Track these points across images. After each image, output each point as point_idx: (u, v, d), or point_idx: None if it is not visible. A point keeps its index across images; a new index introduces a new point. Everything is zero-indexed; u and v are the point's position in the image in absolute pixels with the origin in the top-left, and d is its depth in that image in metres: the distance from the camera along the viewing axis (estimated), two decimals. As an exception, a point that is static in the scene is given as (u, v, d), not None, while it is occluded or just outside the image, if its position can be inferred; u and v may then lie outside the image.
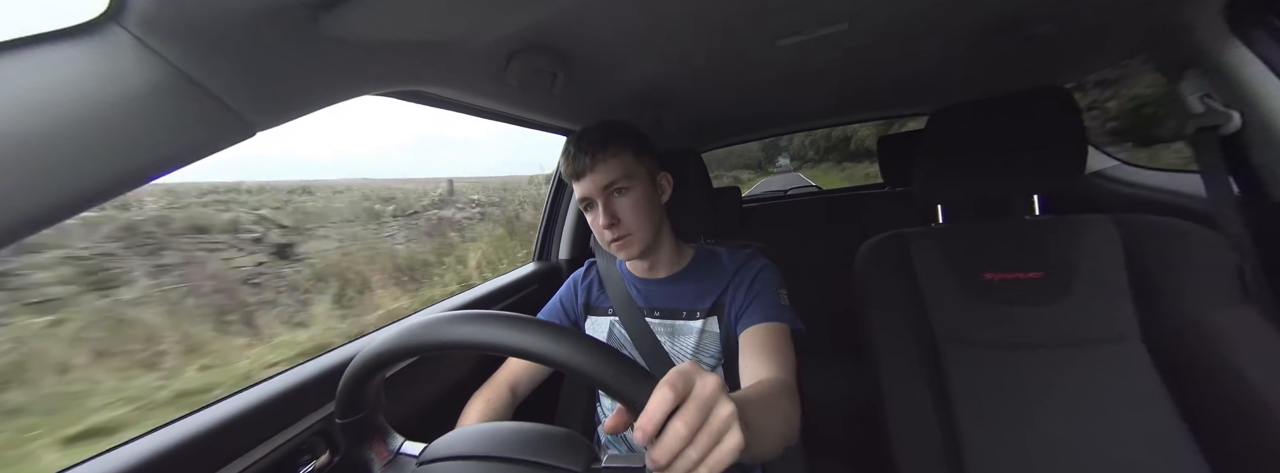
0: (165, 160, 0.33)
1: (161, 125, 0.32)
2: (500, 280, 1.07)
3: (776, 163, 17.46)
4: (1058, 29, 0.72)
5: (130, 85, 0.30)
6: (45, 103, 0.27)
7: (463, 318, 0.28)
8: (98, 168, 0.29)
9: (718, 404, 0.27)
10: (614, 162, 0.62)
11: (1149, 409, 0.60)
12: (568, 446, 0.33)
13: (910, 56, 0.87)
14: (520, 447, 0.33)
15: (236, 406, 0.51)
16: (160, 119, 0.32)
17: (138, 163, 0.32)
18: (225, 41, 0.34)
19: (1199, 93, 0.74)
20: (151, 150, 0.32)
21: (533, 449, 0.33)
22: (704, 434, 0.25)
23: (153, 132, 0.32)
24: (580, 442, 0.34)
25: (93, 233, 2.50)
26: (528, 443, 0.33)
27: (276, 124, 0.41)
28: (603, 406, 0.77)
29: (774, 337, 0.58)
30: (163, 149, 0.33)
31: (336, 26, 0.38)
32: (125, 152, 0.31)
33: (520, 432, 0.35)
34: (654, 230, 0.65)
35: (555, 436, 0.35)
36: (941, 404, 0.67)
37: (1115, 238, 0.68)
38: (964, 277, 0.74)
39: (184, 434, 0.46)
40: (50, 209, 0.28)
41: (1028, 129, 0.72)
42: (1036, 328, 0.69)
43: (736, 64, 0.80)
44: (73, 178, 0.28)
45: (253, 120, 0.38)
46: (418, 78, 0.55)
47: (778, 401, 0.46)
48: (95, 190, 0.30)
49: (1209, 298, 0.60)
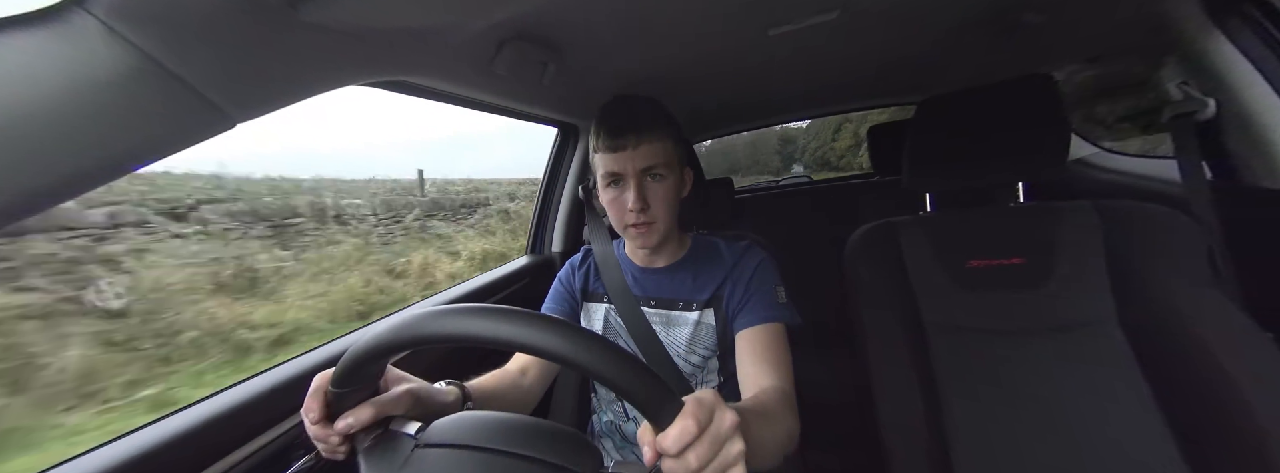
0: (141, 152, 0.32)
1: (134, 116, 0.31)
2: (492, 274, 1.07)
3: (792, 170, 18.83)
4: (1044, 18, 0.73)
5: (99, 74, 0.29)
6: (8, 91, 0.26)
7: (499, 314, 0.27)
8: (68, 159, 0.28)
9: (731, 441, 0.29)
10: (659, 145, 0.58)
11: (1124, 391, 0.63)
12: (575, 447, 0.32)
13: (899, 45, 0.87)
14: (525, 441, 0.32)
15: (230, 400, 0.50)
16: (133, 109, 0.31)
17: (111, 154, 0.31)
18: (199, 28, 0.32)
19: (1177, 80, 0.76)
20: (125, 142, 0.31)
21: (539, 446, 0.32)
22: (713, 467, 0.28)
23: (125, 122, 0.31)
24: (587, 445, 0.33)
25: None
26: (534, 438, 0.32)
27: (258, 115, 0.40)
28: (598, 395, 0.78)
29: (772, 340, 0.58)
30: (137, 140, 0.32)
31: (317, 13, 0.37)
32: (96, 142, 0.29)
33: (526, 426, 0.34)
34: (673, 223, 0.64)
35: (563, 434, 0.34)
36: (929, 390, 0.69)
37: (1095, 223, 0.70)
38: (950, 264, 0.76)
39: (177, 429, 0.45)
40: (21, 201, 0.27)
41: (1012, 118, 0.73)
42: (1019, 313, 0.71)
43: (728, 54, 0.79)
44: (41, 169, 0.27)
45: (232, 112, 0.37)
46: (404, 67, 0.54)
47: (779, 413, 0.48)
48: (67, 181, 0.29)
49: (1181, 281, 0.62)
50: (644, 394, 0.27)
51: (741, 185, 2.16)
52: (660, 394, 0.28)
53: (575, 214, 1.22)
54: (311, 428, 0.36)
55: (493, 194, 5.11)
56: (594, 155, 0.62)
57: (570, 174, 1.19)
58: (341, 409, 0.35)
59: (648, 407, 0.28)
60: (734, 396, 0.71)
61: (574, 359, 0.26)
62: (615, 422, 0.73)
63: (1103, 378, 0.64)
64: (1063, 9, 0.72)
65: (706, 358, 0.67)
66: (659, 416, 0.28)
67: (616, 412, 0.73)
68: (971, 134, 0.75)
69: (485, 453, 0.31)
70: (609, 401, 0.74)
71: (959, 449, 0.67)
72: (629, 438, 0.71)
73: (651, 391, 0.27)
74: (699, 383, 0.68)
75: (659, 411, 0.28)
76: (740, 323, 0.61)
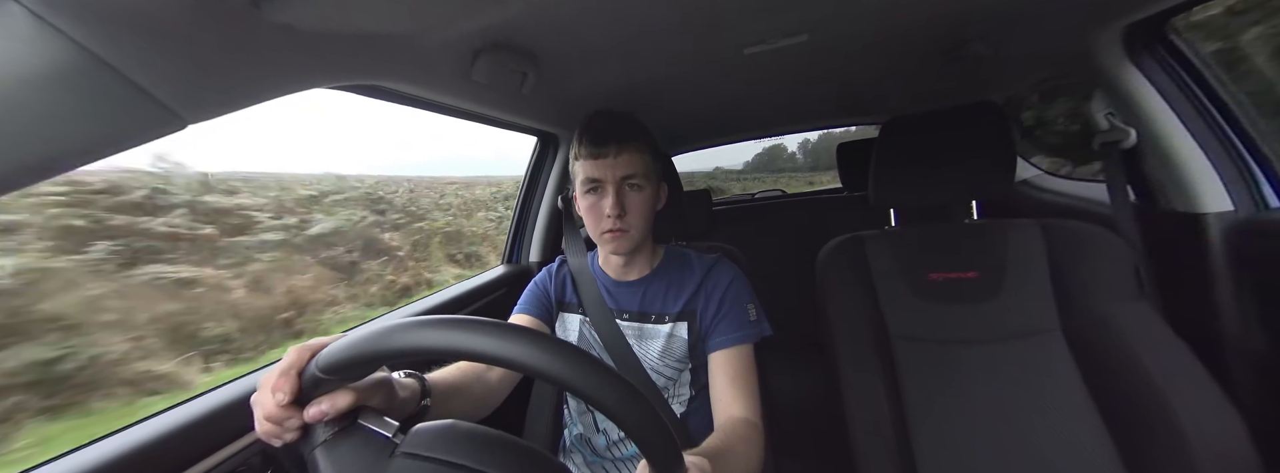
0: (82, 150, 0.30)
1: (72, 112, 0.29)
2: (469, 283, 1.03)
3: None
4: (989, 49, 0.80)
5: (28, 67, 0.27)
6: None
7: (532, 339, 0.26)
8: None
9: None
10: (637, 156, 0.61)
11: (1068, 397, 0.67)
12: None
13: (863, 68, 0.93)
14: (512, 466, 0.30)
15: (205, 405, 0.47)
16: (70, 106, 0.28)
17: (45, 152, 0.28)
18: (146, 23, 0.30)
19: (1104, 110, 0.85)
20: (62, 140, 0.29)
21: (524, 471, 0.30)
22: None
23: (60, 120, 0.28)
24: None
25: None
26: (521, 464, 0.31)
27: (212, 117, 0.37)
28: (569, 406, 0.76)
29: (743, 362, 0.62)
30: (77, 138, 0.30)
31: (282, 12, 0.36)
32: (31, 139, 0.27)
33: (518, 451, 0.32)
34: (647, 233, 0.65)
35: (549, 464, 0.32)
36: (894, 399, 0.71)
37: (1040, 240, 0.76)
38: (912, 277, 0.80)
39: (150, 435, 0.42)
40: None
41: (965, 140, 0.79)
42: (973, 324, 0.75)
43: (705, 70, 0.82)
44: None
45: (182, 111, 0.35)
46: (376, 72, 0.53)
47: (743, 450, 0.52)
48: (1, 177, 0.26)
49: (1111, 294, 0.68)
50: (651, 438, 0.28)
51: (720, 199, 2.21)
52: (665, 441, 0.29)
53: (553, 224, 1.21)
54: (272, 410, 0.31)
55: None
56: (574, 163, 0.64)
57: (549, 184, 1.18)
58: (313, 396, 0.31)
59: (653, 452, 0.29)
60: (707, 408, 0.72)
61: (589, 393, 0.26)
62: (585, 435, 0.71)
63: (1048, 385, 0.69)
64: (1005, 42, 0.79)
65: (680, 371, 0.67)
66: (663, 462, 0.29)
67: (587, 424, 0.71)
68: (930, 154, 0.80)
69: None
70: (580, 412, 0.73)
71: (923, 455, 0.69)
72: (598, 452, 0.70)
73: (659, 437, 0.28)
74: (672, 396, 0.68)
75: (663, 459, 0.29)
76: (714, 343, 0.63)
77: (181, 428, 0.45)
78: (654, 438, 0.28)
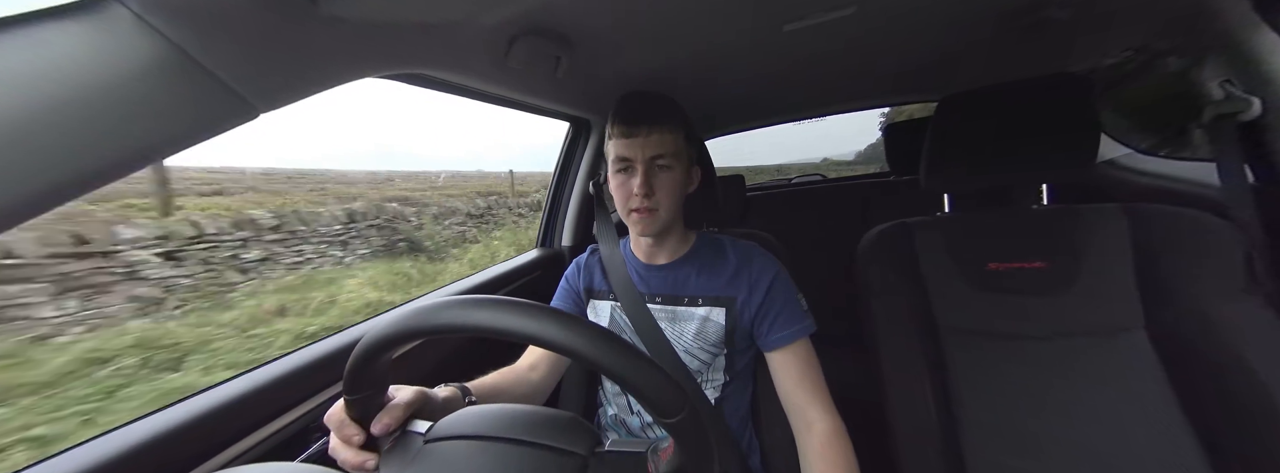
0: (167, 142, 0.33)
1: (163, 106, 0.32)
2: (503, 266, 1.08)
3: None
4: (1073, 13, 0.70)
5: (131, 64, 0.30)
6: (44, 81, 0.27)
7: (517, 308, 0.28)
8: (98, 149, 0.29)
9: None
10: (670, 136, 0.61)
11: (1151, 402, 0.61)
12: (572, 429, 0.34)
13: (919, 41, 0.85)
14: (525, 428, 0.33)
15: (250, 383, 0.52)
16: (162, 99, 0.32)
17: (139, 144, 0.31)
18: (225, 20, 0.33)
19: (1218, 78, 0.72)
20: (153, 131, 0.32)
21: (537, 431, 0.33)
22: None
23: (154, 112, 0.31)
24: (584, 426, 0.35)
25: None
26: (532, 425, 0.34)
27: (279, 106, 0.40)
28: (604, 390, 0.78)
29: (808, 358, 0.62)
30: (164, 130, 0.33)
31: (335, 6, 0.38)
32: (126, 132, 0.30)
33: (525, 414, 0.35)
34: (676, 215, 0.65)
35: (560, 419, 0.35)
36: (941, 395, 0.67)
37: (1124, 226, 0.67)
38: (968, 266, 0.74)
39: (200, 409, 0.47)
40: (51, 191, 0.28)
41: (1039, 117, 0.70)
42: (1040, 318, 0.69)
43: (742, 50, 0.78)
44: (73, 159, 0.28)
45: (255, 102, 0.38)
46: (420, 60, 0.55)
47: (846, 467, 0.55)
48: (96, 172, 0.29)
49: (1217, 289, 0.60)
50: (647, 388, 0.28)
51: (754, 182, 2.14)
52: (665, 386, 0.28)
53: (585, 209, 1.22)
54: (351, 456, 0.36)
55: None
56: (608, 143, 0.64)
57: (581, 169, 1.19)
58: (366, 417, 0.36)
59: (652, 400, 0.28)
60: (741, 394, 0.71)
61: (575, 349, 0.27)
62: (619, 416, 0.73)
63: (1128, 388, 0.62)
64: (1093, 4, 0.69)
65: (714, 355, 0.67)
66: (666, 407, 0.28)
67: (621, 405, 0.73)
68: (995, 133, 0.73)
69: (487, 441, 0.32)
70: (614, 394, 0.75)
71: (973, 454, 0.65)
72: (634, 432, 0.71)
73: (655, 383, 0.28)
74: (706, 380, 0.68)
75: (661, 403, 0.28)
76: (773, 340, 0.63)
77: (251, 393, 0.50)
78: (632, 371, 0.27)
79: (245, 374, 0.54)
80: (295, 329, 2.00)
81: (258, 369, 0.55)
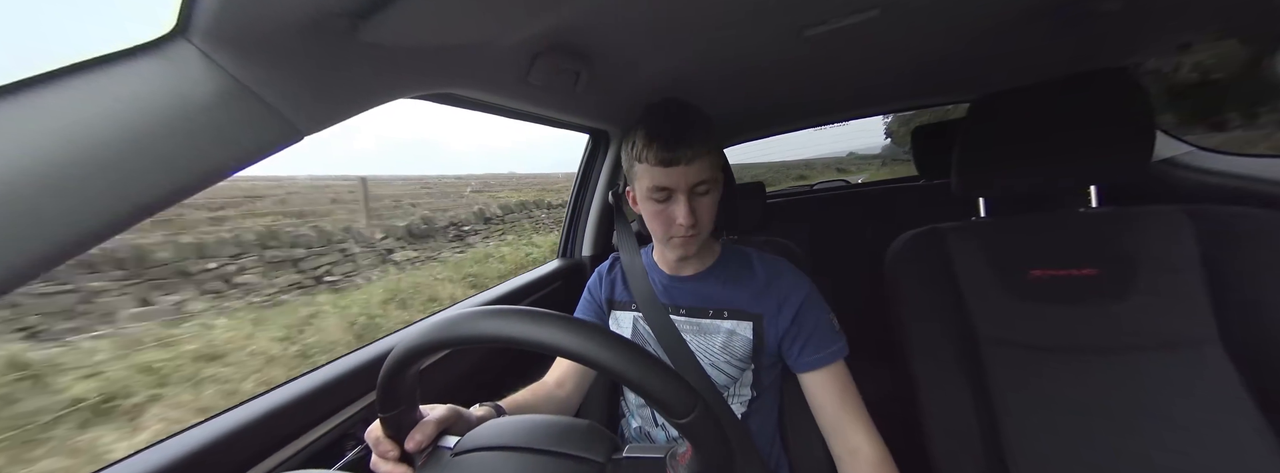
0: (222, 166, 0.36)
1: (222, 132, 0.35)
2: (524, 278, 1.10)
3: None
4: (1120, 5, 0.66)
5: (197, 96, 0.32)
6: (123, 114, 0.30)
7: (535, 318, 0.28)
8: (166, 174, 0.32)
9: None
10: (707, 159, 0.57)
11: (1228, 421, 0.55)
12: (590, 437, 0.34)
13: (947, 42, 0.82)
14: (545, 438, 0.34)
15: (287, 395, 0.54)
16: (223, 127, 0.34)
17: (200, 169, 0.34)
18: (277, 51, 0.36)
19: None
20: (214, 156, 0.35)
21: (557, 440, 0.34)
22: None
23: (217, 139, 0.34)
24: (602, 433, 0.35)
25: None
26: (552, 434, 0.35)
27: (321, 128, 0.43)
28: (626, 400, 0.77)
29: (845, 380, 0.61)
30: (221, 155, 0.35)
31: (375, 32, 0.40)
32: (190, 158, 0.33)
33: (544, 424, 0.36)
34: (711, 230, 0.64)
35: (578, 427, 0.36)
36: (984, 411, 0.63)
37: (1188, 231, 0.62)
38: (1008, 274, 0.70)
39: (240, 421, 0.50)
40: (125, 214, 0.30)
41: (1085, 115, 0.66)
42: (1091, 330, 0.64)
43: (761, 57, 0.78)
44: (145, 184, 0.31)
45: (300, 125, 0.40)
46: (449, 80, 0.57)
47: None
48: (161, 196, 0.32)
49: None
50: (655, 387, 0.28)
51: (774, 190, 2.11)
52: (674, 385, 0.28)
53: (605, 219, 1.23)
54: (389, 469, 0.38)
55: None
56: (637, 165, 0.59)
57: (601, 179, 1.21)
58: (401, 434, 0.38)
59: (659, 401, 0.28)
60: (768, 409, 0.69)
61: (577, 351, 0.27)
62: (644, 427, 0.72)
63: (1204, 406, 0.57)
64: None
65: (742, 370, 0.65)
66: (674, 410, 0.28)
67: (645, 417, 0.72)
68: (1036, 133, 0.69)
69: (509, 452, 0.34)
70: (638, 406, 0.74)
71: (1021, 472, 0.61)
72: (655, 439, 0.70)
73: (663, 383, 0.28)
74: (732, 395, 0.67)
75: (670, 403, 0.28)
76: (807, 362, 0.61)
77: (287, 405, 0.53)
78: (643, 373, 0.27)
79: (285, 385, 0.57)
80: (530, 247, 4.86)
81: (294, 381, 0.58)
